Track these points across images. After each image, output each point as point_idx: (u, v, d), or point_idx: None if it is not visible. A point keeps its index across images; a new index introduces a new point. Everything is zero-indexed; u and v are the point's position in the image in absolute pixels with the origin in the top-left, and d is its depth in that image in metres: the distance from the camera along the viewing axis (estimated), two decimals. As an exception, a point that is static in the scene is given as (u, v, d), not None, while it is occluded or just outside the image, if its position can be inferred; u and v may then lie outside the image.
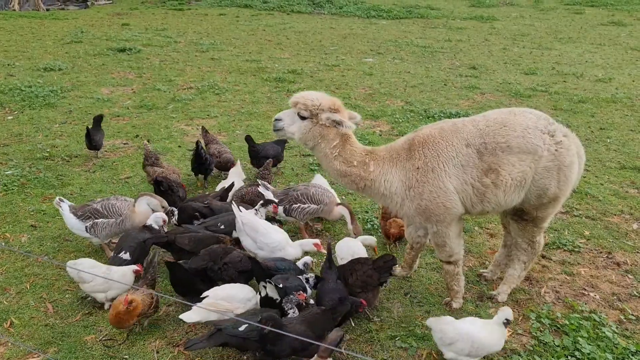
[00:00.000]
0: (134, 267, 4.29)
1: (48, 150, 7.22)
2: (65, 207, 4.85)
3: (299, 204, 5.18)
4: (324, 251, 4.55)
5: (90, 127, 6.90)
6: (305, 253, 4.69)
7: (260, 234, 4.57)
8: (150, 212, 4.86)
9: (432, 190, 3.77)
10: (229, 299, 3.91)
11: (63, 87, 9.97)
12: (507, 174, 3.73)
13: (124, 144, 7.59)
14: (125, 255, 4.45)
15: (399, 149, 3.97)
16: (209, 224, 4.91)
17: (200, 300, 3.90)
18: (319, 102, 3.83)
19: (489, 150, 3.72)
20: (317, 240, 4.73)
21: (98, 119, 7.07)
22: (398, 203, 3.97)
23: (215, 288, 4.02)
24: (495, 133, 3.74)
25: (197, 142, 6.17)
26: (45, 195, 6.03)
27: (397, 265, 4.81)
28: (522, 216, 4.09)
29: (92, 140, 6.85)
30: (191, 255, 4.45)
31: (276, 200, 5.17)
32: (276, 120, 3.99)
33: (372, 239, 4.88)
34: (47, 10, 20.21)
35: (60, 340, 3.90)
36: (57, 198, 4.95)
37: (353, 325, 4.13)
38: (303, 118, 3.88)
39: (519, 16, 19.94)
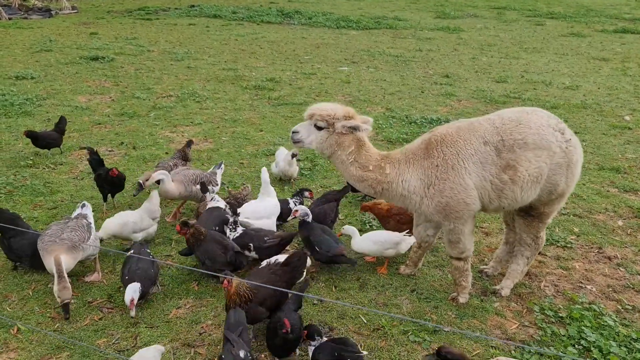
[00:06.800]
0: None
1: (31, 158, 7.05)
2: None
3: None
4: None
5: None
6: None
7: None
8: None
9: (453, 187, 3.87)
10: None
11: (38, 96, 9.75)
12: (525, 170, 3.86)
13: (109, 151, 7.47)
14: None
15: (415, 149, 4.07)
16: None
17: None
18: (334, 112, 3.99)
19: (506, 147, 3.85)
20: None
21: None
22: (417, 202, 4.05)
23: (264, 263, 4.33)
24: (512, 130, 3.87)
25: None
26: (35, 203, 5.89)
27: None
28: (529, 212, 4.24)
29: None
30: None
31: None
32: (293, 132, 4.12)
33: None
34: (10, 19, 19.70)
35: (72, 345, 3.82)
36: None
37: (365, 322, 4.19)
38: (320, 128, 4.03)
39: (484, 27, 20.51)
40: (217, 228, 4.85)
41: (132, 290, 4.01)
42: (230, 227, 4.84)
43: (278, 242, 4.74)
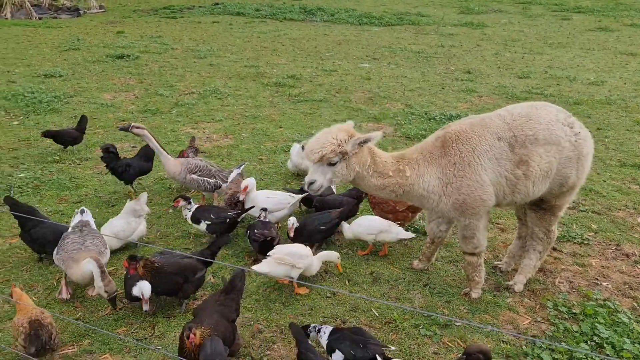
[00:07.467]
0: None
1: (58, 154, 7.28)
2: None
3: None
4: None
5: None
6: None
7: None
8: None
9: (470, 184, 3.89)
10: (291, 255, 4.39)
11: (65, 93, 10.01)
12: (537, 164, 3.88)
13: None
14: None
15: (431, 147, 4.03)
16: None
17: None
18: (339, 140, 3.75)
19: (519, 142, 3.87)
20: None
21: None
22: (435, 201, 4.03)
23: (278, 246, 4.57)
24: (523, 126, 3.89)
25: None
26: (61, 197, 6.09)
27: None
28: (540, 205, 4.25)
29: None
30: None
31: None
32: (310, 184, 3.89)
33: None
34: (40, 18, 20.19)
35: (93, 332, 3.97)
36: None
37: (377, 315, 4.25)
38: (334, 164, 3.82)
39: (509, 22, 20.28)
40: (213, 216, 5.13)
41: (146, 287, 4.03)
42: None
43: (263, 240, 4.75)
